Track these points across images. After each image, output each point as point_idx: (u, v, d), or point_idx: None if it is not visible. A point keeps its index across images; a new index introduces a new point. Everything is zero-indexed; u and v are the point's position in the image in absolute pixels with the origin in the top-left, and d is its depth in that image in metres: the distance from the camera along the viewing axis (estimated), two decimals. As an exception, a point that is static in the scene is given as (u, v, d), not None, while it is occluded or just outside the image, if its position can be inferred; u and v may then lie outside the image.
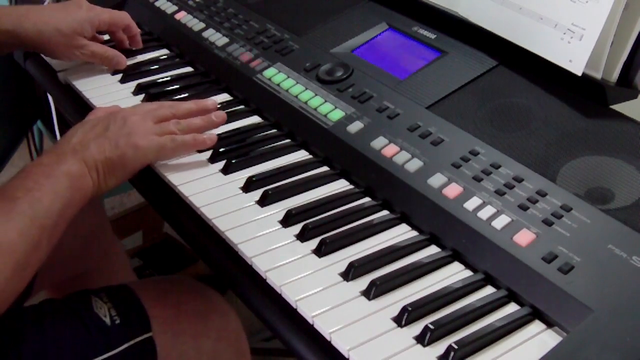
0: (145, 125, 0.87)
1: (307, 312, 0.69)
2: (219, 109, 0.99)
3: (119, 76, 1.10)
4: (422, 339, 0.66)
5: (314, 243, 0.77)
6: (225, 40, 1.11)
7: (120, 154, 0.84)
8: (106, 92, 1.07)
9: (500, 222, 0.75)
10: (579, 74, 0.86)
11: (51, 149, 0.85)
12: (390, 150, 0.86)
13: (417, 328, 0.67)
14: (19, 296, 1.06)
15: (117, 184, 0.85)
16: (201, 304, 0.98)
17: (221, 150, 0.91)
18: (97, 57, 1.08)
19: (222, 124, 0.94)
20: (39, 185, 0.77)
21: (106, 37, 1.16)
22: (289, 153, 0.93)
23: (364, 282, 0.72)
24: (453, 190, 0.79)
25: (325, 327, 0.68)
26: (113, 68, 1.10)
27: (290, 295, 0.71)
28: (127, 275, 1.38)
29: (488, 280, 0.73)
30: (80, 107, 1.07)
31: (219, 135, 0.95)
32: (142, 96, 1.05)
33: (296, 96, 0.97)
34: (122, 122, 0.86)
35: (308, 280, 0.73)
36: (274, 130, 0.97)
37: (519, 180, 0.79)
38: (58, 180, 0.78)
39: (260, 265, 0.75)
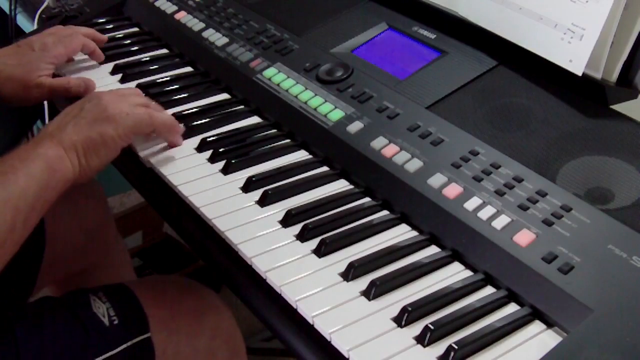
0: (120, 101, 0.87)
1: (307, 312, 0.69)
2: (218, 107, 1.00)
3: (119, 76, 1.10)
4: (422, 339, 0.66)
5: (314, 243, 0.77)
6: (225, 40, 1.11)
7: (99, 130, 0.83)
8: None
9: (500, 222, 0.75)
10: (579, 74, 0.86)
11: (30, 139, 0.84)
12: (390, 150, 0.86)
13: (417, 328, 0.67)
14: (23, 290, 1.07)
15: (101, 164, 0.84)
16: (196, 302, 0.98)
17: (221, 150, 0.91)
18: (59, 91, 1.05)
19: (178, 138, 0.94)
20: (13, 169, 0.76)
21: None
22: (289, 153, 0.93)
23: (364, 282, 0.72)
24: (453, 190, 0.79)
25: (325, 327, 0.68)
26: (83, 94, 1.05)
27: (290, 295, 0.71)
28: (128, 273, 1.38)
29: (488, 280, 0.73)
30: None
31: (219, 135, 0.95)
32: (142, 96, 1.05)
33: (296, 96, 0.97)
34: (96, 101, 0.86)
35: (308, 280, 0.73)
36: (274, 130, 0.97)
37: (519, 180, 0.79)
38: (33, 163, 0.78)
39: (260, 265, 0.75)
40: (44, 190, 0.78)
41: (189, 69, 1.13)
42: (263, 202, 0.84)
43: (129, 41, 1.20)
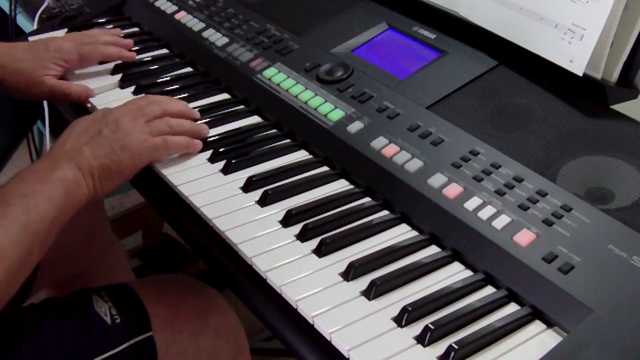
0: (138, 126, 0.87)
1: (307, 312, 0.69)
2: (218, 107, 1.00)
3: (119, 76, 1.10)
4: (423, 339, 0.66)
5: (314, 243, 0.77)
6: (225, 40, 1.11)
7: (115, 159, 0.83)
8: (105, 91, 1.07)
9: (501, 222, 0.75)
10: (580, 74, 0.86)
11: (44, 155, 0.84)
12: (390, 150, 0.86)
13: (417, 328, 0.67)
14: (18, 296, 1.07)
15: (114, 188, 0.85)
16: (200, 302, 0.98)
17: (221, 150, 0.91)
18: (57, 94, 1.05)
19: (206, 136, 0.94)
20: (33, 192, 0.76)
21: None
22: (289, 153, 0.93)
23: (364, 282, 0.72)
24: (453, 190, 0.79)
25: (326, 327, 0.68)
26: (82, 102, 1.06)
27: (291, 295, 0.71)
28: (126, 274, 1.38)
29: (488, 280, 0.73)
30: (79, 107, 1.07)
31: (219, 135, 0.95)
32: (142, 96, 1.05)
33: (296, 96, 0.97)
34: (114, 125, 0.86)
35: (308, 280, 0.73)
36: (274, 130, 0.97)
37: (519, 180, 0.79)
38: (53, 187, 0.78)
39: (261, 265, 0.75)
40: (61, 214, 0.79)
41: (189, 69, 1.13)
42: (263, 202, 0.84)
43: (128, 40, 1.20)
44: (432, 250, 0.77)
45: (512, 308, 0.70)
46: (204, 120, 0.98)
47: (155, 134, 0.88)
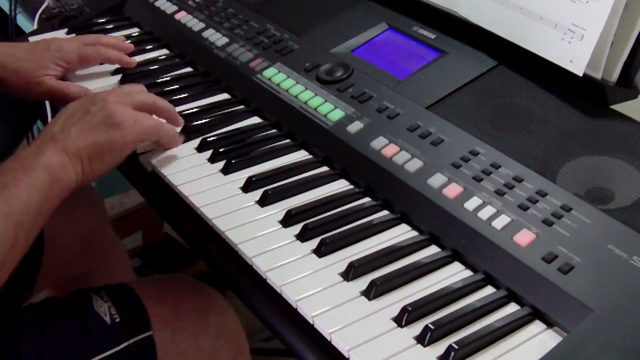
0: (125, 104, 0.85)
1: (307, 312, 0.69)
2: (218, 107, 1.01)
3: (119, 76, 1.10)
4: (423, 339, 0.66)
5: (314, 243, 0.77)
6: (225, 40, 1.11)
7: (105, 136, 0.81)
8: (106, 92, 1.07)
9: (500, 222, 0.75)
10: (580, 74, 0.86)
11: (32, 141, 0.82)
12: (390, 150, 0.86)
13: (417, 328, 0.67)
14: (20, 296, 1.07)
15: (105, 170, 0.83)
16: (200, 302, 0.98)
17: (221, 150, 0.92)
18: (56, 94, 1.05)
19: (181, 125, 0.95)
20: (15, 181, 0.74)
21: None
22: (289, 153, 0.93)
23: (364, 282, 0.72)
24: (453, 190, 0.79)
25: (326, 327, 0.68)
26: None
27: (291, 295, 0.71)
28: (128, 275, 1.38)
29: (488, 280, 0.73)
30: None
31: (219, 135, 0.95)
32: (142, 96, 1.05)
33: (296, 96, 0.97)
34: (102, 104, 0.84)
35: (308, 280, 0.73)
36: (274, 130, 0.97)
37: (519, 180, 0.79)
38: (36, 174, 0.76)
39: (260, 265, 0.75)
40: (47, 201, 0.76)
41: (189, 69, 1.13)
42: (263, 202, 0.84)
43: (129, 42, 1.20)
44: (432, 250, 0.77)
45: (512, 308, 0.70)
46: (204, 120, 0.98)
47: (141, 110, 0.87)
